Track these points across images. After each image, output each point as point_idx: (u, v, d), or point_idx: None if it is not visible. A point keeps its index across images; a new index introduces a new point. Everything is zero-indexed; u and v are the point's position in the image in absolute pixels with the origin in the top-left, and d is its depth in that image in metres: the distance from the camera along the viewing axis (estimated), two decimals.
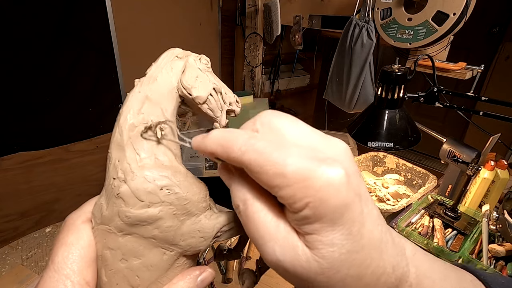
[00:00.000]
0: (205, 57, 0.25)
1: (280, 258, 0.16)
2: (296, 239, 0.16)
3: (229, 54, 1.87)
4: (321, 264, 0.16)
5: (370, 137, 0.76)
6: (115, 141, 0.21)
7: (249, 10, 1.63)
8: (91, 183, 1.45)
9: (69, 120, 1.29)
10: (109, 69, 1.34)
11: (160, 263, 0.21)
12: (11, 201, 1.25)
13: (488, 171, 0.93)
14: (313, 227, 0.16)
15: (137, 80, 0.23)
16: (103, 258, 0.21)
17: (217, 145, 0.18)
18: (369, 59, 1.16)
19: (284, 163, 0.15)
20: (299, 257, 0.16)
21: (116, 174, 0.20)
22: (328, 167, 0.15)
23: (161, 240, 0.21)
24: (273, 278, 0.85)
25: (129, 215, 0.20)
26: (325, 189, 0.15)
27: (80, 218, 0.21)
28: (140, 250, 0.20)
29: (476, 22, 1.66)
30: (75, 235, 0.20)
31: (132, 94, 0.22)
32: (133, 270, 0.21)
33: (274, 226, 0.17)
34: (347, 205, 0.15)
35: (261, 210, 0.17)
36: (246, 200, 0.17)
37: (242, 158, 0.16)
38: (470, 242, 0.85)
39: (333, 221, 0.15)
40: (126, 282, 0.21)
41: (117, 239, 0.20)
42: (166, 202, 0.20)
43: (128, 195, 0.20)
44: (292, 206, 0.16)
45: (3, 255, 0.91)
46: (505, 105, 0.75)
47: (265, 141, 0.16)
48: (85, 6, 1.19)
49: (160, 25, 1.48)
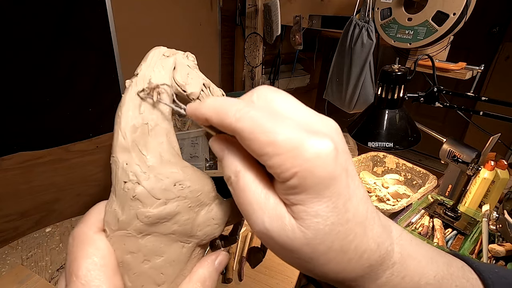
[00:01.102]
0: (191, 54, 0.26)
1: (268, 227, 0.17)
2: (284, 210, 0.17)
3: (229, 54, 1.87)
4: (306, 234, 0.16)
5: (370, 137, 0.76)
6: (119, 144, 0.21)
7: (249, 10, 1.63)
8: (91, 183, 1.44)
9: (69, 120, 1.29)
10: (109, 69, 1.33)
11: (180, 256, 0.22)
12: (11, 201, 1.25)
13: (488, 171, 0.93)
14: (299, 198, 0.16)
15: (129, 81, 0.23)
16: (124, 264, 0.21)
17: (212, 110, 0.18)
18: (369, 59, 1.16)
19: (276, 131, 0.15)
20: (286, 227, 0.16)
21: (127, 177, 0.20)
22: (318, 139, 0.15)
23: (180, 234, 0.21)
24: (273, 278, 0.85)
25: (149, 215, 0.20)
26: (313, 160, 0.15)
27: (91, 229, 0.21)
28: (161, 248, 0.21)
29: (476, 22, 1.66)
30: (93, 246, 0.20)
31: (128, 96, 0.22)
32: (157, 268, 0.21)
33: (263, 197, 0.17)
34: (334, 178, 0.16)
35: (252, 182, 0.17)
36: (238, 172, 0.18)
37: (236, 125, 0.16)
38: (470, 242, 0.85)
39: (319, 193, 0.16)
40: (152, 282, 0.21)
41: (137, 241, 0.20)
42: (181, 197, 0.21)
43: (145, 196, 0.20)
44: (280, 175, 0.16)
45: (3, 255, 0.91)
46: (505, 105, 0.75)
47: (259, 110, 0.17)
48: (85, 6, 1.19)
49: (160, 25, 1.47)
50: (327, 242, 0.16)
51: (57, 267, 0.86)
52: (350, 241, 0.17)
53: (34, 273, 0.84)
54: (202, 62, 1.03)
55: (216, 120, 0.18)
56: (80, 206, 1.45)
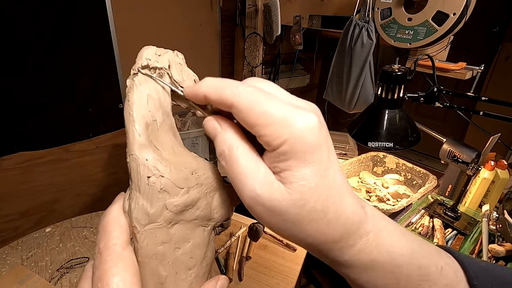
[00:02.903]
0: (179, 52, 0.27)
1: (259, 193, 0.19)
2: (272, 177, 0.19)
3: (229, 54, 1.87)
4: (292, 195, 0.18)
5: (370, 137, 0.76)
6: (137, 142, 0.21)
7: (249, 10, 1.63)
8: (91, 183, 1.44)
9: (69, 120, 1.29)
10: (109, 69, 1.33)
11: (204, 239, 0.24)
12: (11, 201, 1.25)
13: (488, 171, 0.93)
14: (287, 164, 0.18)
15: (129, 80, 0.23)
16: (158, 255, 0.22)
17: (211, 87, 0.20)
18: (369, 59, 1.16)
19: (269, 105, 0.18)
20: (275, 191, 0.18)
21: (150, 172, 0.21)
22: (306, 112, 0.18)
23: (202, 218, 0.23)
24: (273, 278, 0.85)
25: (177, 204, 0.21)
26: (302, 129, 0.18)
27: (118, 245, 0.21)
28: (188, 234, 0.23)
29: (476, 22, 1.66)
30: (123, 262, 0.20)
31: (135, 95, 0.22)
32: (187, 253, 0.23)
33: (255, 167, 0.19)
34: (318, 146, 0.18)
35: (244, 153, 0.19)
36: (232, 146, 0.20)
37: (234, 99, 0.19)
38: (470, 242, 0.85)
39: (305, 158, 0.18)
40: (184, 267, 0.23)
41: (168, 231, 0.22)
42: (199, 184, 0.23)
43: (171, 186, 0.21)
44: (271, 143, 0.18)
45: (3, 255, 0.91)
46: (505, 105, 0.75)
47: (256, 88, 0.19)
48: (85, 6, 1.19)
49: (160, 25, 1.47)
50: (310, 203, 0.18)
51: (57, 267, 0.86)
52: (330, 204, 0.19)
53: (34, 273, 0.84)
54: (202, 62, 1.05)
55: (214, 96, 0.20)
56: (80, 206, 1.45)
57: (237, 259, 0.91)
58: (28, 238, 0.97)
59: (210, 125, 0.22)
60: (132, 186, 0.21)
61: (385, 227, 0.22)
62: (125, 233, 0.21)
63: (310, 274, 1.59)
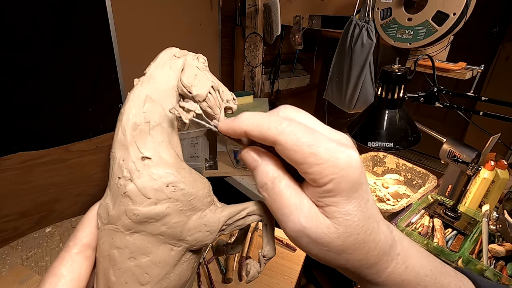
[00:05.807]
0: (202, 56, 0.25)
1: (305, 225, 0.19)
2: (317, 211, 0.20)
3: (229, 54, 1.86)
4: (338, 229, 0.19)
5: (370, 137, 0.76)
6: (119, 140, 0.21)
7: (249, 10, 1.63)
8: (91, 183, 1.44)
9: (69, 120, 1.29)
10: (109, 69, 1.33)
11: (168, 259, 0.22)
12: (11, 201, 1.25)
13: (488, 171, 0.93)
14: (333, 200, 0.19)
15: (137, 79, 0.23)
16: (111, 258, 0.21)
17: (252, 124, 0.20)
18: (369, 59, 1.16)
19: (317, 144, 0.18)
20: (321, 224, 0.19)
21: (121, 173, 0.20)
22: (350, 151, 0.19)
23: (169, 236, 0.21)
24: (273, 278, 0.85)
25: (137, 213, 0.20)
26: (347, 169, 0.18)
27: (76, 247, 0.22)
28: (148, 248, 0.21)
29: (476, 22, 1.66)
30: (68, 267, 0.21)
31: (133, 94, 0.22)
32: (142, 267, 0.21)
33: (299, 200, 0.20)
34: (360, 183, 0.19)
35: (288, 187, 0.20)
36: (275, 178, 0.20)
37: (279, 137, 0.19)
38: (470, 242, 0.85)
39: (349, 195, 0.19)
40: (135, 280, 0.21)
41: (125, 237, 0.20)
42: (172, 199, 0.21)
43: (135, 193, 0.20)
44: (318, 181, 0.19)
45: (3, 255, 0.91)
46: (505, 105, 0.75)
47: (297, 124, 0.19)
48: (85, 6, 1.19)
49: (160, 25, 1.47)
50: (354, 235, 0.20)
51: None
52: (369, 233, 0.20)
53: (34, 273, 0.84)
54: None
55: (256, 133, 0.20)
56: (80, 206, 1.45)
57: (237, 259, 0.91)
58: (28, 238, 0.97)
59: (249, 158, 0.22)
60: (108, 182, 0.21)
61: (409, 249, 0.23)
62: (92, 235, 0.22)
63: (310, 274, 1.59)
